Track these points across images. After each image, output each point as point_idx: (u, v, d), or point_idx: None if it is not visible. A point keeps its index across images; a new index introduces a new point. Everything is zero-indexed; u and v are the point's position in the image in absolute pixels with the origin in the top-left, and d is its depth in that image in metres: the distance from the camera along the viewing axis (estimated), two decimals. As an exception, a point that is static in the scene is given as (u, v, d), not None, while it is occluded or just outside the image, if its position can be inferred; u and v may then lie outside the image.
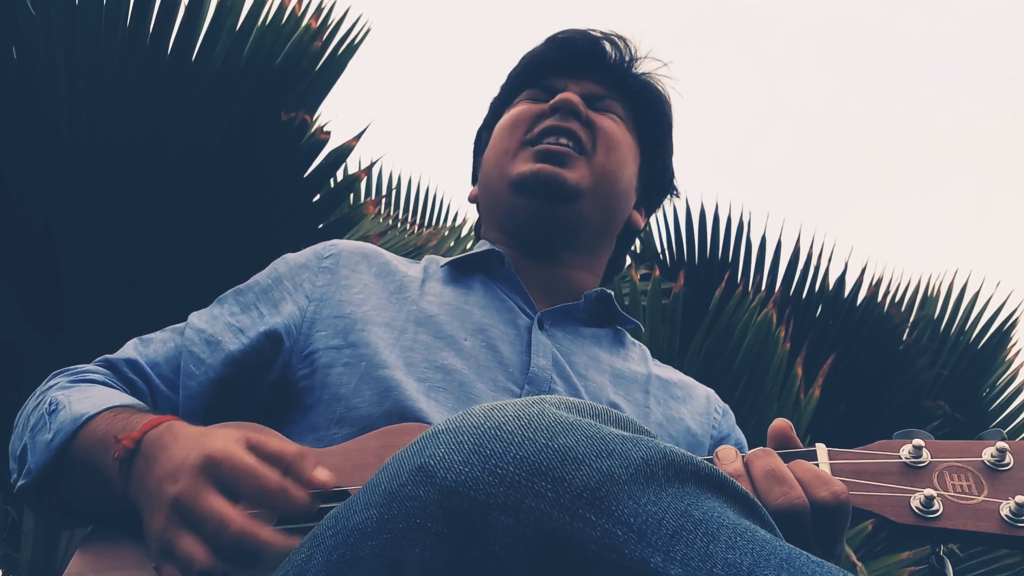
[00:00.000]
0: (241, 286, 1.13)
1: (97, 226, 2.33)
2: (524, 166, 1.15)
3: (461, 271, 1.18)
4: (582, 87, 1.21)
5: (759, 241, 3.69)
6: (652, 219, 3.85)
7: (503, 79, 1.32)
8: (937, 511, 0.74)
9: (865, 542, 2.90)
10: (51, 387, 1.00)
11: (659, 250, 3.85)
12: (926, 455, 0.78)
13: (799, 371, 2.84)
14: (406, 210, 4.36)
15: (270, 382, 1.05)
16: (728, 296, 2.95)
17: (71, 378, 1.02)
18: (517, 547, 0.52)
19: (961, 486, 0.76)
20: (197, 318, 1.09)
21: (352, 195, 3.68)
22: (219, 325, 1.07)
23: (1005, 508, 0.73)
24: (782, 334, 2.84)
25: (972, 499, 0.75)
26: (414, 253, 3.12)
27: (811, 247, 3.65)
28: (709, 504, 0.56)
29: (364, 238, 2.81)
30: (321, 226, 2.55)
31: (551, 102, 1.18)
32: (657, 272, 3.07)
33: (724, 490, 0.58)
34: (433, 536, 0.54)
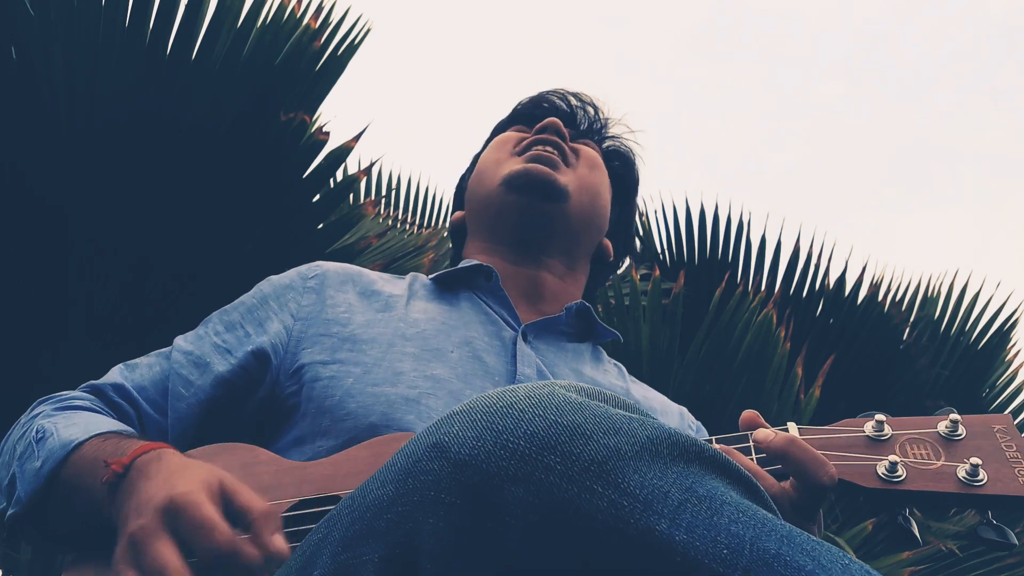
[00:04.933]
0: (226, 307, 1.15)
1: (97, 226, 2.32)
2: (517, 166, 1.24)
3: (446, 286, 1.23)
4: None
5: (759, 241, 3.69)
6: (652, 219, 3.85)
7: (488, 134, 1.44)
8: (901, 476, 0.82)
9: (865, 542, 2.90)
10: (36, 415, 1.00)
11: (659, 250, 3.85)
12: (888, 429, 0.86)
13: (799, 371, 2.84)
14: (405, 210, 4.35)
15: (259, 399, 1.06)
16: (728, 296, 2.95)
17: (56, 405, 1.02)
18: (527, 517, 0.54)
19: (921, 454, 0.84)
20: (183, 340, 1.11)
21: (351, 195, 3.67)
22: (206, 346, 1.08)
23: (961, 470, 0.81)
24: (782, 334, 2.84)
25: (932, 464, 0.83)
26: (414, 253, 3.12)
27: (811, 247, 3.65)
28: (713, 483, 0.57)
29: (363, 238, 2.81)
30: (320, 226, 2.55)
31: (539, 124, 1.29)
32: (657, 272, 3.07)
33: (727, 472, 0.60)
34: (447, 507, 0.56)
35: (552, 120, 1.28)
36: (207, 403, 1.04)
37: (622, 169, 1.39)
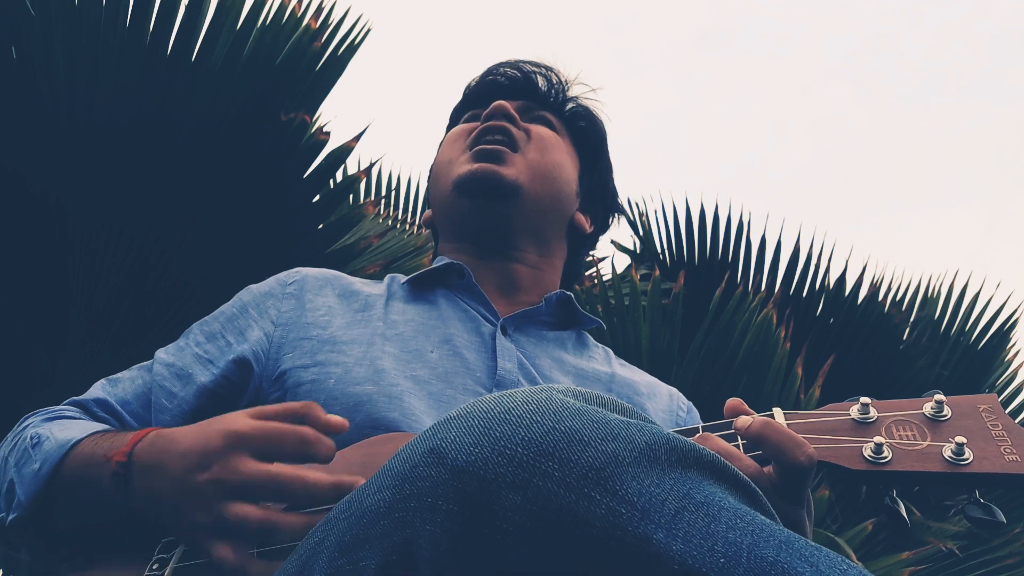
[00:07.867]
0: (206, 317, 1.15)
1: (97, 226, 2.33)
2: (464, 168, 1.21)
3: (422, 287, 1.22)
4: (517, 104, 1.29)
5: (759, 241, 3.69)
6: (652, 219, 3.85)
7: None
8: (887, 457, 0.82)
9: (865, 542, 2.90)
10: (26, 426, 1.00)
11: (659, 250, 3.85)
12: (873, 412, 0.86)
13: (799, 371, 2.85)
14: (406, 210, 4.35)
15: (243, 407, 1.06)
16: (728, 296, 2.96)
17: (44, 417, 1.02)
18: (524, 524, 0.54)
19: (907, 435, 0.84)
20: (164, 353, 1.11)
21: (352, 195, 3.68)
22: (187, 357, 1.08)
23: (947, 450, 0.81)
24: (782, 334, 2.85)
25: (918, 445, 0.83)
26: (414, 253, 3.12)
27: (811, 247, 3.65)
28: (711, 489, 0.57)
29: (364, 238, 2.81)
30: (321, 226, 2.55)
31: (485, 112, 1.26)
32: (657, 272, 3.08)
33: (725, 477, 0.60)
34: (444, 514, 0.55)
35: (498, 105, 1.25)
36: (191, 414, 1.04)
37: (585, 128, 1.35)
